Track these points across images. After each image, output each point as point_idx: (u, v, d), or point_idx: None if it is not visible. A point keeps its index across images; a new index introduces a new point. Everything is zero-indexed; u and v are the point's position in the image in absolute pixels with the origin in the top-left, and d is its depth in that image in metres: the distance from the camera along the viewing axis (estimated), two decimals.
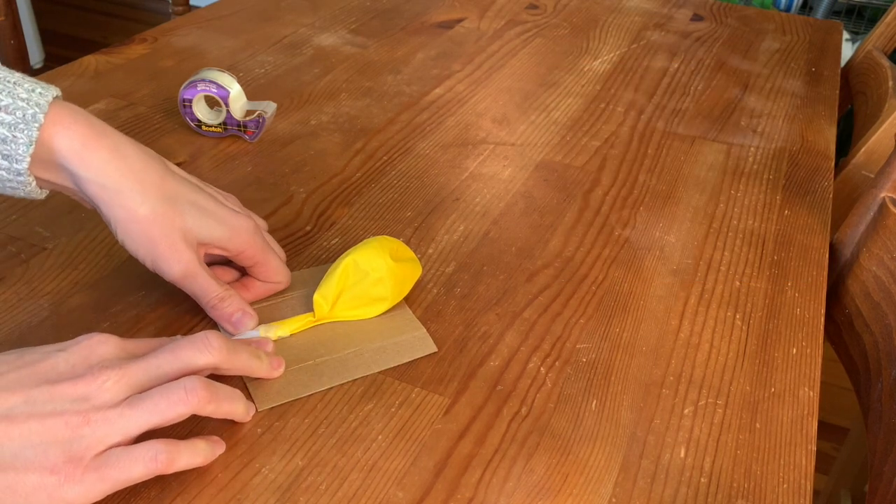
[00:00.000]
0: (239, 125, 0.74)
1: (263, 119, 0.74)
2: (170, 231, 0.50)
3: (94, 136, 0.49)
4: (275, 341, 0.53)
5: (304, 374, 0.51)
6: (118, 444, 0.40)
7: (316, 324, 0.55)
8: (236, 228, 0.53)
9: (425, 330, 0.55)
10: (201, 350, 0.44)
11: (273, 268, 0.55)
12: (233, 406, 0.45)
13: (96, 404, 0.40)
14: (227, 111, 0.73)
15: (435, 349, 0.54)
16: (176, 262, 0.51)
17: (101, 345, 0.43)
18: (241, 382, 0.50)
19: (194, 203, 0.52)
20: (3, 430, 0.38)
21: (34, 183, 0.49)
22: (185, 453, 0.42)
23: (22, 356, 0.41)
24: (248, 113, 0.74)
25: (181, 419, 0.42)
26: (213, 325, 0.55)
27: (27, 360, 0.41)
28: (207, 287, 0.52)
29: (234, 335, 0.53)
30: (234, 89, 0.73)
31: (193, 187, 0.52)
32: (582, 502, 0.45)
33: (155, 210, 0.49)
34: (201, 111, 0.75)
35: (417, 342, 0.54)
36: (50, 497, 0.38)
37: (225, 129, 0.75)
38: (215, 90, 0.72)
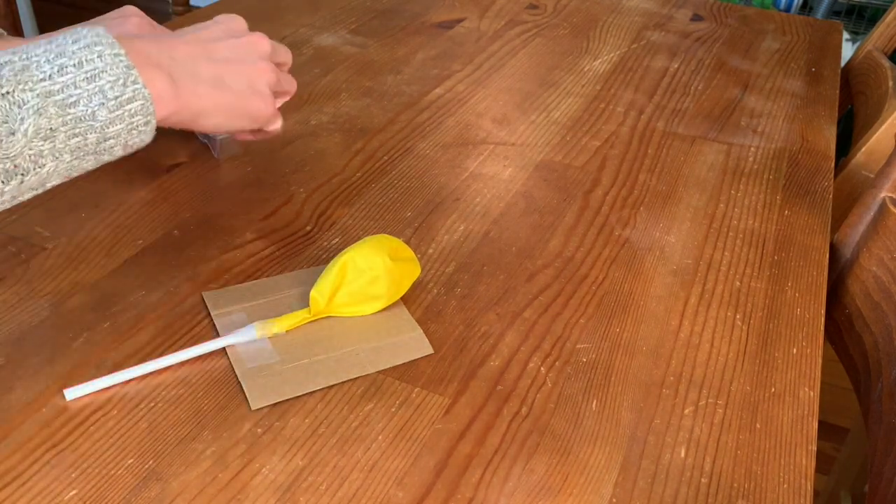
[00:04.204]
0: (207, 138, 0.73)
1: (216, 139, 0.72)
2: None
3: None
4: (270, 338, 0.53)
5: (300, 372, 0.51)
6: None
7: (312, 320, 0.55)
8: (112, 24, 0.63)
9: (422, 331, 0.55)
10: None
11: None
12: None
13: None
14: None
15: (431, 350, 0.54)
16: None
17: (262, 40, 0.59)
18: (235, 380, 0.50)
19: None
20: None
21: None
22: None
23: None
24: None
25: None
26: (213, 328, 0.55)
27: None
28: None
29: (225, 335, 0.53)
30: None
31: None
32: (582, 502, 0.45)
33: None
34: None
35: (414, 343, 0.54)
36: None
37: (202, 138, 0.74)
38: None
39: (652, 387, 0.53)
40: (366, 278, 0.55)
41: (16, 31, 1.16)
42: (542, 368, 0.54)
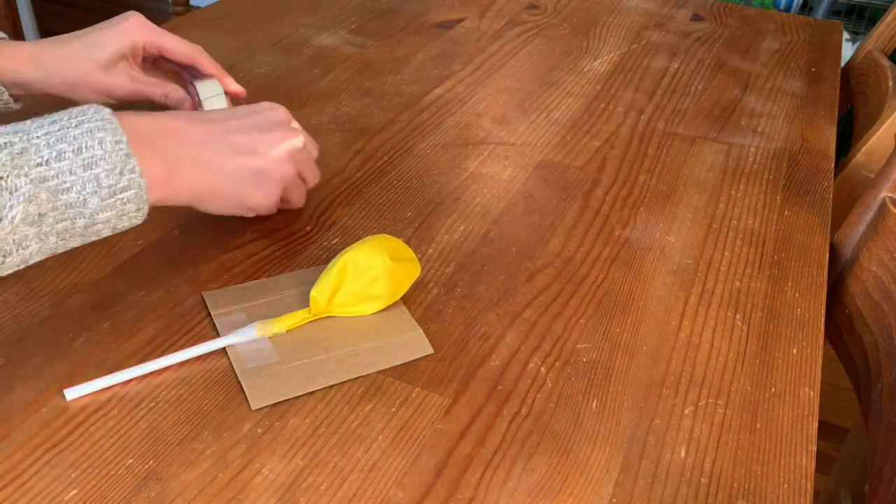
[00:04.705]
0: None
1: None
2: (83, 86, 0.66)
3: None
4: (270, 338, 0.53)
5: (300, 373, 0.51)
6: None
7: (312, 319, 0.55)
8: (122, 30, 0.65)
9: (422, 331, 0.55)
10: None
11: (179, 46, 0.68)
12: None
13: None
14: None
15: (431, 351, 0.54)
16: (102, 93, 0.66)
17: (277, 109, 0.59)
18: (235, 380, 0.50)
19: (84, 43, 0.66)
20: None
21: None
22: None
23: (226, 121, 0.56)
24: None
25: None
26: (213, 328, 0.55)
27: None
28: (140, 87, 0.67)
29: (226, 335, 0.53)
30: (207, 104, 0.69)
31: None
32: (582, 502, 0.45)
33: (64, 82, 0.66)
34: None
35: (414, 343, 0.54)
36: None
37: None
38: (196, 99, 0.71)
39: (652, 387, 0.53)
40: (366, 278, 0.55)
41: (15, 31, 1.16)
42: (542, 368, 0.54)
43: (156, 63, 0.71)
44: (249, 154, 0.55)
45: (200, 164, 0.52)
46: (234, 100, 0.72)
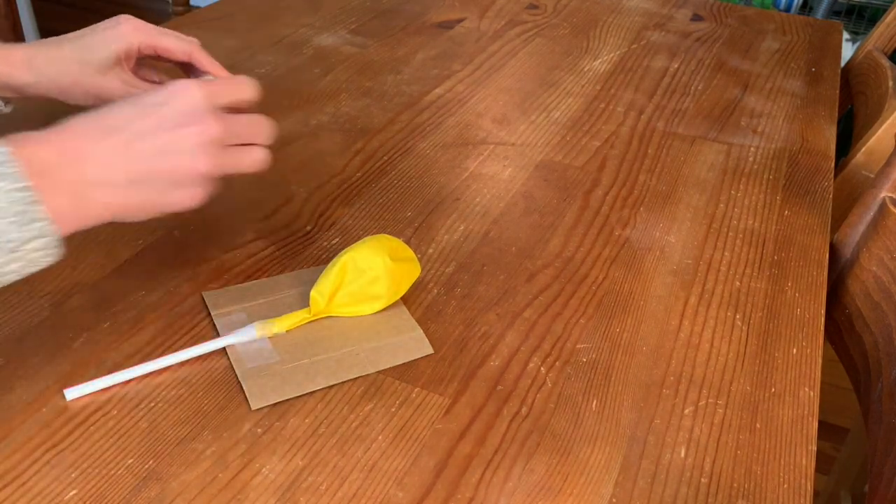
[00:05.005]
0: None
1: None
2: (75, 88, 0.64)
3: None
4: (270, 338, 0.53)
5: (300, 373, 0.51)
6: None
7: (312, 319, 0.55)
8: (115, 34, 0.63)
9: (422, 331, 0.55)
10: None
11: (173, 43, 0.64)
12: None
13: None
14: None
15: (431, 351, 0.54)
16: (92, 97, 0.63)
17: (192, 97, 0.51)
18: (235, 380, 0.50)
19: (76, 47, 0.64)
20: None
21: None
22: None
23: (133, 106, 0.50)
24: None
25: None
26: (213, 328, 0.55)
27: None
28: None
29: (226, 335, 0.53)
30: None
31: None
32: (582, 502, 0.45)
33: (52, 83, 0.63)
34: None
35: (414, 343, 0.54)
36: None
37: None
38: None
39: (652, 387, 0.53)
40: (366, 278, 0.55)
41: (16, 31, 1.16)
42: (542, 368, 0.54)
43: (152, 62, 0.71)
44: (159, 159, 0.49)
45: (110, 184, 0.48)
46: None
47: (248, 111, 0.53)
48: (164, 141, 0.49)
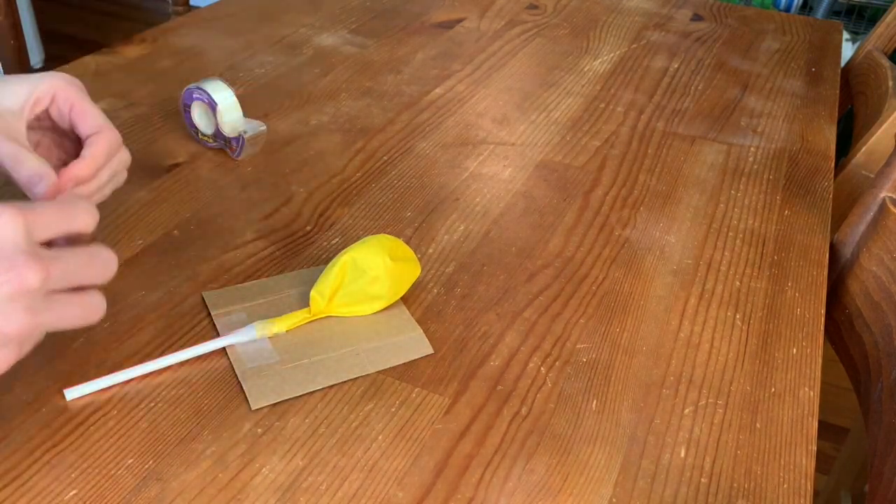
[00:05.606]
0: (225, 140, 0.73)
1: (243, 139, 0.72)
2: None
3: None
4: (270, 338, 0.53)
5: (300, 372, 0.51)
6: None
7: (312, 319, 0.55)
8: (42, 78, 0.50)
9: (422, 331, 0.55)
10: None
11: (89, 110, 0.51)
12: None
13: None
14: (216, 124, 0.73)
15: (431, 351, 0.54)
16: None
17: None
18: (235, 380, 0.50)
19: None
20: None
21: None
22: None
23: None
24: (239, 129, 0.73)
25: None
26: (213, 328, 0.55)
27: None
28: (2, 145, 0.47)
29: (223, 335, 0.53)
30: (225, 103, 0.71)
31: None
32: (582, 502, 0.45)
33: None
34: (199, 118, 0.74)
35: (414, 343, 0.54)
36: None
37: (214, 140, 0.74)
38: (207, 101, 0.72)
39: (652, 387, 0.53)
40: (366, 278, 0.55)
41: (16, 31, 1.16)
42: (542, 368, 0.54)
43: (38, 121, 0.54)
44: None
45: None
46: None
47: (85, 240, 0.42)
48: None
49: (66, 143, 0.54)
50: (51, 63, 2.40)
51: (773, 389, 0.54)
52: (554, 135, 0.82)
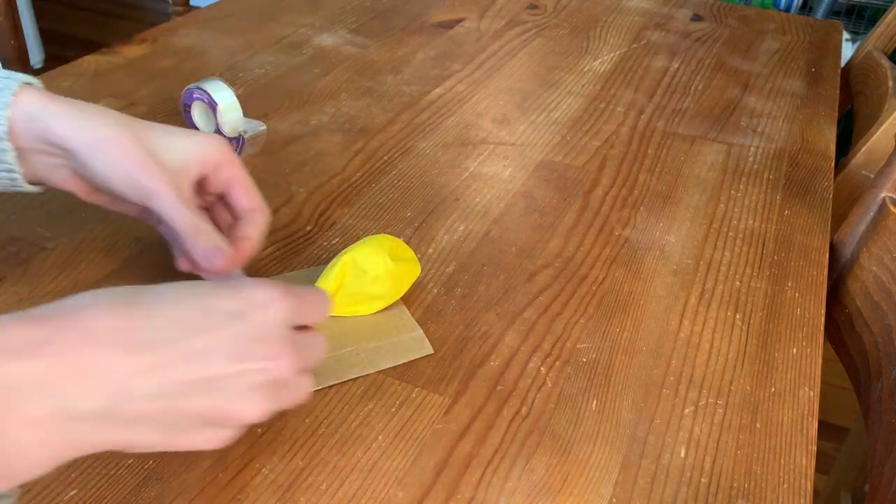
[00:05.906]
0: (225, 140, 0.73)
1: (243, 139, 0.72)
2: (137, 146, 0.48)
3: (56, 97, 0.49)
4: None
5: None
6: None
7: None
8: (207, 139, 0.51)
9: (422, 331, 0.55)
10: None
11: (250, 185, 0.52)
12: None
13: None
14: (217, 124, 0.73)
15: (431, 350, 0.54)
16: (148, 176, 0.47)
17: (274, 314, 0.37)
18: None
19: (159, 126, 0.51)
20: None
21: (12, 154, 0.48)
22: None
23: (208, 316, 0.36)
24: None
25: None
26: None
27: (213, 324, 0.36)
28: (182, 212, 0.48)
29: None
30: (225, 103, 0.71)
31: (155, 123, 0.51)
32: (582, 502, 0.45)
33: (120, 130, 0.48)
34: (199, 118, 0.74)
35: (414, 343, 0.54)
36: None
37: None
38: (207, 101, 0.72)
39: (652, 387, 0.53)
40: (366, 278, 0.55)
41: (16, 31, 1.16)
42: (542, 368, 0.54)
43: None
44: (199, 398, 0.35)
45: (111, 418, 0.33)
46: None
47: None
48: (218, 374, 0.35)
49: (198, 201, 0.54)
50: (51, 63, 2.40)
51: (772, 389, 0.54)
52: (554, 135, 0.82)
